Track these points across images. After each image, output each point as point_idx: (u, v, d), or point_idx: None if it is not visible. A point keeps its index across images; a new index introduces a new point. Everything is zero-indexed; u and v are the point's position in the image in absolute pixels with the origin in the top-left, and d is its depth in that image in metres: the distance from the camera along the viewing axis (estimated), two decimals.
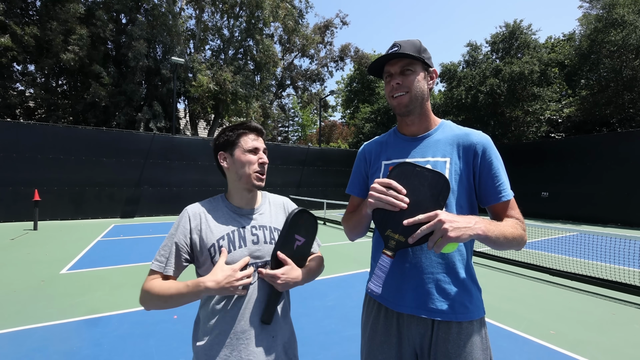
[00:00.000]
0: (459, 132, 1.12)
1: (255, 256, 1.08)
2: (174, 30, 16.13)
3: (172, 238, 1.05)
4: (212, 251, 1.04)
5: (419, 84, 1.09)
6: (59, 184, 10.53)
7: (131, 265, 5.29)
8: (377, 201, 0.97)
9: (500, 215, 1.07)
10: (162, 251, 1.05)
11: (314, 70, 27.95)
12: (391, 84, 1.10)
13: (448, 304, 1.02)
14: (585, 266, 5.37)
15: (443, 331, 1.01)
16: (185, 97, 18.16)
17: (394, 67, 1.10)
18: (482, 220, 0.93)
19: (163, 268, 1.03)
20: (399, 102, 1.10)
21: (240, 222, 1.11)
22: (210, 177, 13.11)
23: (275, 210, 1.22)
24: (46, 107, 15.13)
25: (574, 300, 4.02)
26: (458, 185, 1.06)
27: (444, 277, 1.04)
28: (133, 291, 4.09)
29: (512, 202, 1.07)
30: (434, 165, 1.08)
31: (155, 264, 1.04)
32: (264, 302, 1.06)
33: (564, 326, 3.25)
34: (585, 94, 15.51)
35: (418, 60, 1.08)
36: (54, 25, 13.36)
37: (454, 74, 17.86)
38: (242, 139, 1.12)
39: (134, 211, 11.77)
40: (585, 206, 11.92)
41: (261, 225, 1.13)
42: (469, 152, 1.08)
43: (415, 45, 1.09)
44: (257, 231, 1.11)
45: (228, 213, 1.12)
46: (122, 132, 11.73)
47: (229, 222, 1.10)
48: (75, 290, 4.09)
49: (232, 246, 1.05)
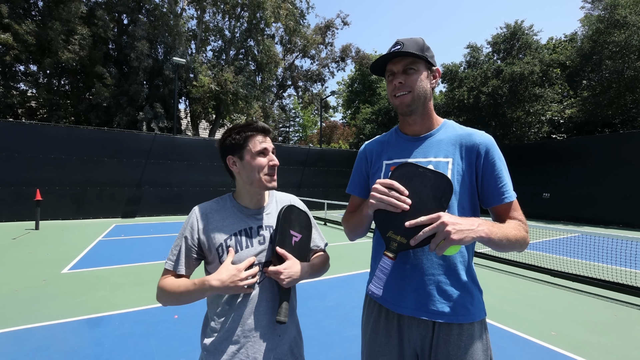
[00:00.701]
0: (461, 132, 1.11)
1: (262, 256, 1.09)
2: (175, 31, 16.17)
3: (182, 237, 1.08)
4: (219, 251, 1.06)
5: (421, 83, 1.07)
6: (61, 184, 10.57)
7: (132, 265, 5.29)
8: (379, 202, 0.95)
9: (503, 217, 1.06)
10: (174, 250, 1.08)
11: (315, 71, 27.98)
12: (394, 83, 1.08)
13: (449, 306, 1.01)
14: (586, 267, 5.36)
15: (444, 333, 1.01)
16: (186, 98, 18.20)
17: (396, 66, 1.08)
18: (485, 223, 0.92)
19: (175, 267, 1.06)
20: (401, 102, 1.09)
21: (247, 222, 1.12)
22: (211, 177, 13.14)
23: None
24: (48, 107, 15.18)
25: (575, 301, 4.00)
26: (460, 186, 1.05)
27: (445, 278, 1.03)
28: (134, 291, 4.10)
29: (515, 204, 1.06)
30: (436, 166, 1.07)
31: (168, 263, 1.07)
32: (274, 301, 1.08)
33: (565, 327, 3.24)
34: (587, 94, 15.48)
35: (421, 59, 1.06)
36: (55, 24, 13.41)
37: (455, 75, 17.86)
38: (251, 142, 1.10)
39: (135, 211, 11.80)
40: (586, 207, 11.89)
41: (268, 225, 1.14)
42: (472, 153, 1.06)
43: (418, 43, 1.07)
44: (263, 232, 1.12)
45: (235, 213, 1.12)
46: (123, 132, 11.77)
47: (237, 223, 1.11)
48: (76, 289, 4.10)
49: (239, 246, 1.07)
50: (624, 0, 13.80)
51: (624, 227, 10.91)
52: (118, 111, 15.25)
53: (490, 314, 3.30)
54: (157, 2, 15.99)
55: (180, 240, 1.08)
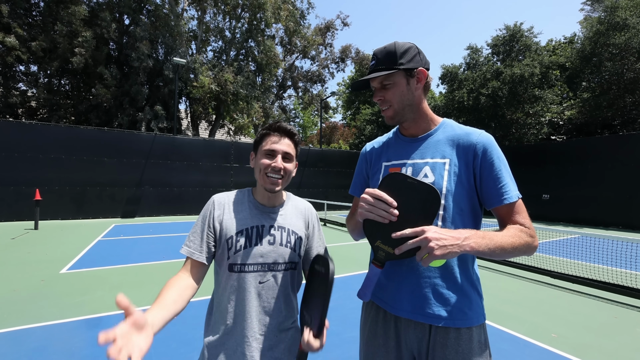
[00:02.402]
0: (459, 132, 1.09)
1: (266, 256, 1.08)
2: (176, 31, 16.18)
3: (199, 224, 1.10)
4: (229, 243, 1.06)
5: (401, 94, 1.06)
6: (60, 184, 10.55)
7: (131, 265, 5.27)
8: (367, 212, 0.95)
9: (505, 219, 1.03)
10: (192, 237, 1.08)
11: (315, 72, 27.98)
12: (377, 99, 1.10)
13: (445, 310, 1.00)
14: (587, 269, 5.35)
15: (441, 336, 1.00)
16: (187, 98, 18.21)
17: (374, 82, 1.09)
18: (474, 235, 0.90)
19: (192, 253, 1.06)
20: (385, 115, 1.11)
21: (260, 219, 1.12)
22: (211, 177, 13.12)
23: (296, 214, 1.20)
24: (48, 107, 15.18)
25: (576, 303, 3.99)
26: (458, 187, 1.02)
27: (441, 281, 1.02)
28: (133, 291, 4.08)
29: (519, 206, 1.02)
30: (432, 167, 1.05)
31: (185, 249, 1.07)
32: (276, 301, 1.10)
33: (566, 329, 3.23)
34: (587, 96, 15.50)
35: (396, 71, 1.04)
36: (57, 27, 13.41)
37: (455, 76, 17.88)
38: (265, 140, 1.12)
39: (135, 211, 11.78)
40: (586, 209, 11.89)
41: (280, 226, 1.13)
42: (469, 153, 1.04)
43: (390, 53, 1.04)
44: (275, 231, 1.11)
45: (250, 208, 1.13)
46: (123, 132, 11.75)
47: (250, 217, 1.11)
48: (75, 290, 4.08)
49: (248, 242, 1.07)
50: (624, 3, 13.82)
51: (624, 228, 10.90)
52: (118, 111, 15.25)
53: (490, 316, 3.29)
54: (158, 2, 16.00)
55: (197, 226, 1.09)
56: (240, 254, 1.06)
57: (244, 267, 1.06)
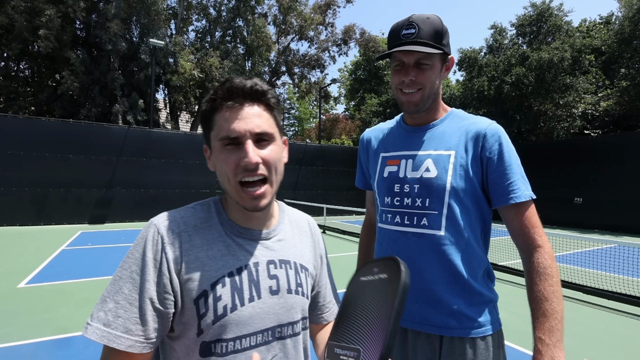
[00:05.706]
0: (466, 122, 1.11)
1: (271, 317, 0.74)
2: (152, 9, 16.18)
3: (134, 282, 0.67)
4: (200, 306, 0.68)
5: (434, 80, 1.05)
6: (18, 184, 10.52)
7: (100, 279, 5.26)
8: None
9: (511, 223, 1.03)
10: (121, 310, 0.64)
11: (314, 56, 27.97)
12: (402, 79, 1.05)
13: (455, 318, 1.03)
14: (625, 284, 5.36)
15: (453, 347, 1.02)
16: (165, 86, 18.20)
17: (408, 57, 1.02)
18: (555, 346, 0.99)
19: (132, 345, 0.63)
20: (408, 100, 1.07)
21: (247, 252, 0.75)
22: (193, 177, 13.12)
23: (299, 234, 0.88)
24: (5, 95, 15.16)
25: (612, 323, 4.01)
26: (463, 182, 1.04)
27: (448, 288, 1.04)
28: None
29: (529, 210, 1.01)
30: (435, 160, 1.07)
31: (115, 338, 0.62)
32: None
33: (600, 353, 3.24)
34: (626, 84, 15.54)
35: (441, 52, 1.02)
36: (13, 1, 13.37)
37: (474, 62, 17.91)
38: (215, 119, 0.72)
39: (105, 216, 11.76)
40: (625, 214, 11.91)
41: (282, 260, 0.79)
42: (477, 144, 1.05)
43: (436, 28, 1.02)
44: (275, 270, 0.76)
45: (226, 235, 0.76)
46: (92, 125, 11.75)
47: (230, 254, 0.73)
48: (36, 307, 4.07)
49: (238, 299, 0.70)
50: None
51: None
52: (87, 101, 15.24)
53: (513, 336, 3.30)
54: None
55: (131, 287, 0.67)
56: (226, 323, 0.68)
57: (232, 344, 0.69)
